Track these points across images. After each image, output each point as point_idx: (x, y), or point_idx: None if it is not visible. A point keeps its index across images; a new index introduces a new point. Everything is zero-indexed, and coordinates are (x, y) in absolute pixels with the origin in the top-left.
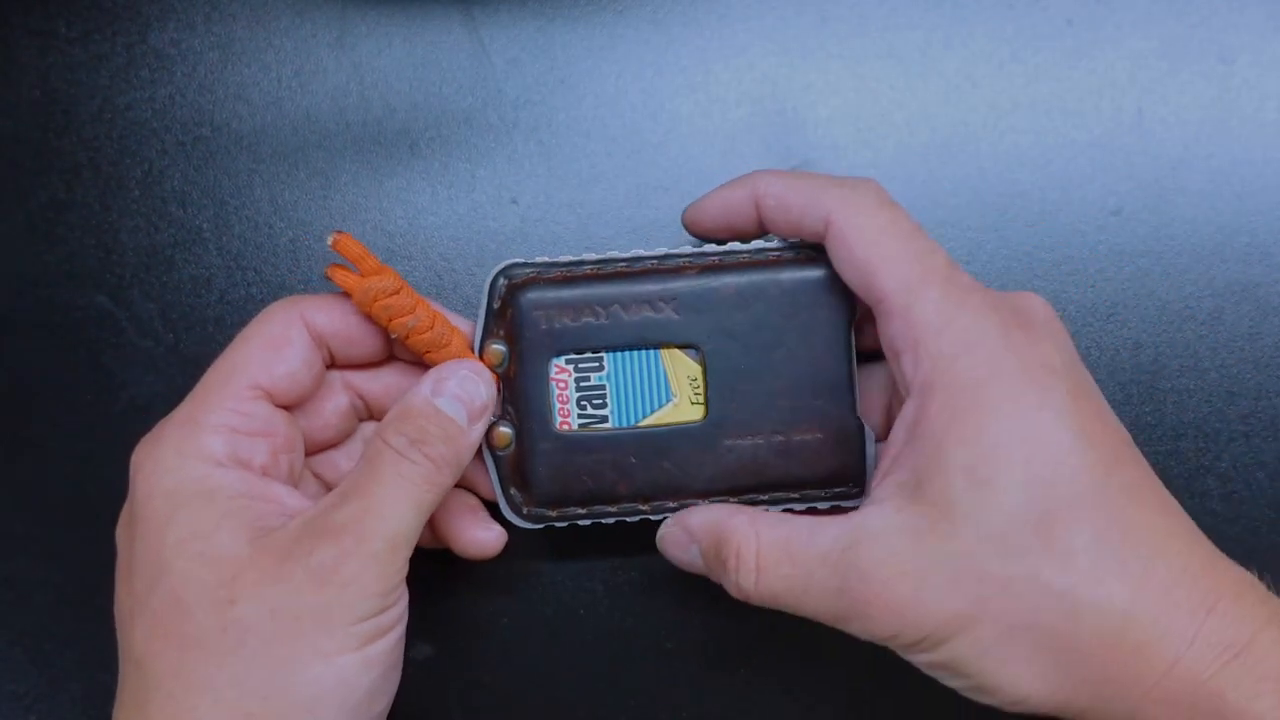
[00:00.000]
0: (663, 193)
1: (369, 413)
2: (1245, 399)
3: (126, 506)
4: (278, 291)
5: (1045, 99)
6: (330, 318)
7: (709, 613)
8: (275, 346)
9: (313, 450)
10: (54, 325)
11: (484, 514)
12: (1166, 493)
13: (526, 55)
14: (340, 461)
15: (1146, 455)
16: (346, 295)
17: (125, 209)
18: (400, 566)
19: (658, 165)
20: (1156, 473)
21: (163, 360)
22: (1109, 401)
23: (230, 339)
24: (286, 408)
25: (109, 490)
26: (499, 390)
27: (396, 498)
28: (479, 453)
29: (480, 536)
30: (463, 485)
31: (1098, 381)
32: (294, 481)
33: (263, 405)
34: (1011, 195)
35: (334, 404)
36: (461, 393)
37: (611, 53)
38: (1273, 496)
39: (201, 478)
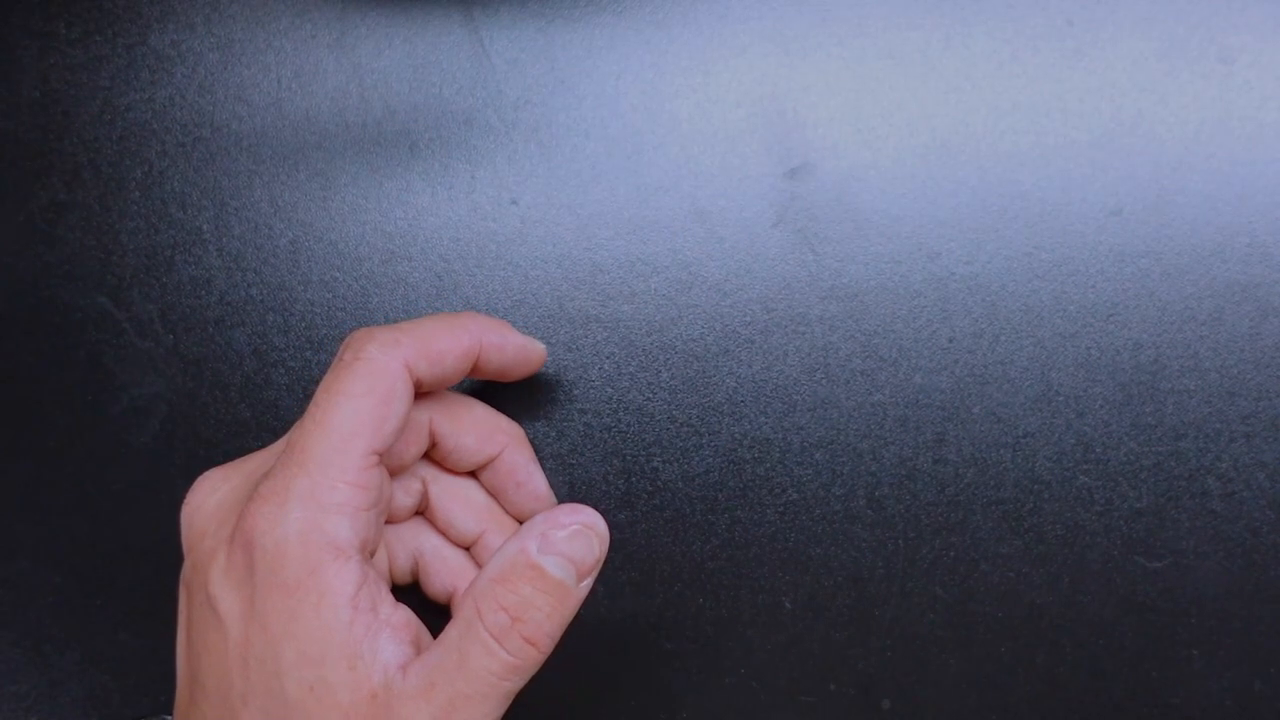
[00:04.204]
0: (663, 193)
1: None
2: (1245, 399)
3: (227, 560)
4: (277, 292)
5: (1045, 99)
6: (432, 369)
7: (709, 613)
8: (387, 402)
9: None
10: (54, 325)
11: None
12: None
13: (526, 56)
14: (398, 496)
15: (1147, 455)
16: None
17: (125, 210)
18: None
19: (658, 165)
20: (1157, 473)
21: (163, 361)
22: (1109, 402)
23: (231, 340)
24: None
25: (109, 491)
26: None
27: (485, 701)
28: None
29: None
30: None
31: (1099, 381)
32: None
33: (377, 472)
34: (1011, 195)
35: (416, 448)
36: (573, 552)
37: (611, 53)
38: (1273, 496)
39: (318, 570)
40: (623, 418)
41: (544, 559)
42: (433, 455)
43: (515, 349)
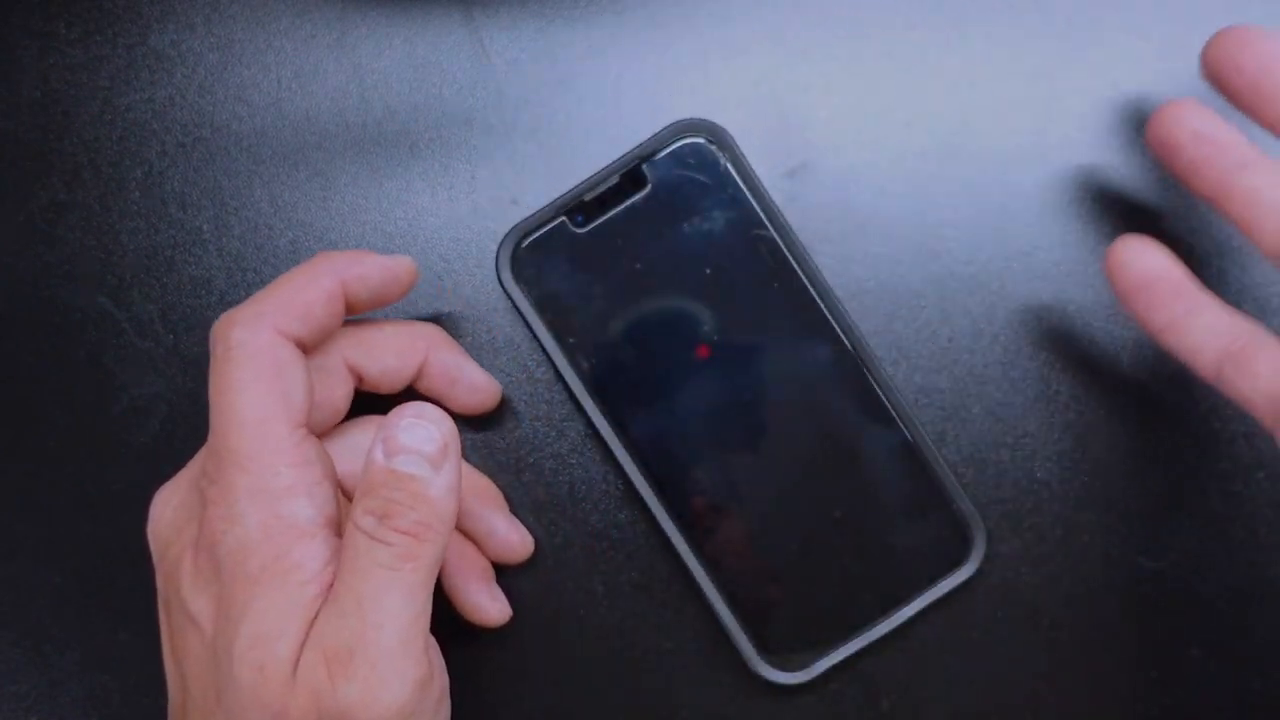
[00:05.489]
0: None
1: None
2: None
3: (193, 564)
4: None
5: (1045, 99)
6: (306, 325)
7: (708, 613)
8: (280, 377)
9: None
10: (54, 325)
11: (492, 580)
12: None
13: (526, 56)
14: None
15: (1147, 456)
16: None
17: (125, 210)
18: (420, 651)
19: None
20: (1157, 473)
21: (163, 361)
22: (1109, 402)
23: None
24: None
25: (109, 491)
26: None
27: (388, 593)
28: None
29: (484, 606)
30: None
31: (1097, 381)
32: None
33: (312, 444)
34: (1011, 195)
35: (342, 391)
36: (413, 443)
37: (611, 53)
38: (1273, 496)
39: (284, 554)
40: None
41: (391, 461)
42: (364, 389)
43: (379, 270)
